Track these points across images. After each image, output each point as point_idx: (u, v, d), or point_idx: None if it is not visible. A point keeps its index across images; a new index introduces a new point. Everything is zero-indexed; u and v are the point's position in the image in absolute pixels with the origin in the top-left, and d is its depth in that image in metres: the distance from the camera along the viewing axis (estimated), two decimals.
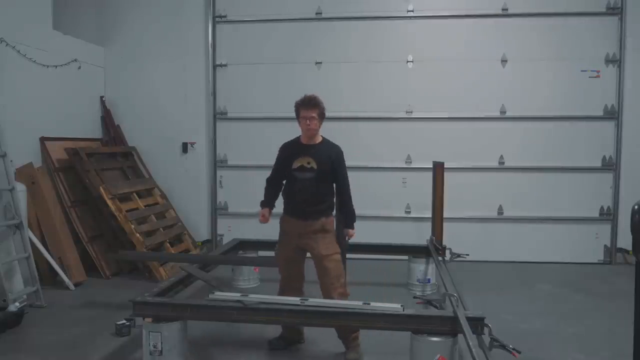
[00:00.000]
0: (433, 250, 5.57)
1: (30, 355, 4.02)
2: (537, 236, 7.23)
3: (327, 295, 3.90)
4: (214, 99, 7.66)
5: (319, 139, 4.06)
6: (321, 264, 3.93)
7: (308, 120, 3.92)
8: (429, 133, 7.30)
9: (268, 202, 4.25)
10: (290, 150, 4.09)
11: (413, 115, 7.33)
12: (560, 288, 5.93)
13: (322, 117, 3.99)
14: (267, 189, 4.26)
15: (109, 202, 6.21)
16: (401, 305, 3.55)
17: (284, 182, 4.14)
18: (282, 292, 4.07)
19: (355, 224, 4.17)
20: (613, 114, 7.08)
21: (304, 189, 3.94)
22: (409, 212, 7.31)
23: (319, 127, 4.01)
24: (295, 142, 4.11)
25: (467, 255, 5.56)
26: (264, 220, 4.20)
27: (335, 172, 3.99)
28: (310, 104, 3.94)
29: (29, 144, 6.20)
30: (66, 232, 6.07)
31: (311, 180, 3.93)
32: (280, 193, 4.19)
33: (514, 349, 3.05)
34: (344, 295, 3.93)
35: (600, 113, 7.12)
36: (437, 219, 5.79)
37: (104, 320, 4.65)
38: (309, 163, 3.94)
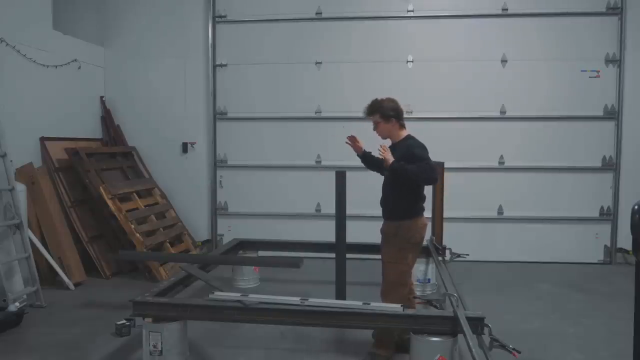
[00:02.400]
0: (433, 250, 5.56)
1: (30, 355, 4.02)
2: (537, 236, 7.23)
3: (382, 297, 3.87)
4: (214, 99, 7.66)
5: (401, 136, 4.01)
6: (384, 269, 3.93)
7: (374, 125, 4.00)
8: (429, 133, 7.20)
9: (367, 152, 4.29)
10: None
11: (413, 115, 7.31)
12: (560, 288, 5.93)
13: (388, 118, 3.93)
14: None
15: (109, 202, 6.21)
16: (401, 305, 3.55)
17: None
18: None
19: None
20: (613, 114, 7.08)
21: (383, 187, 4.01)
22: None
23: (390, 129, 3.97)
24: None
25: (467, 255, 5.56)
26: (353, 139, 4.24)
27: (412, 161, 3.75)
28: (369, 111, 4.00)
29: (29, 144, 6.20)
30: (66, 232, 6.07)
31: (386, 178, 3.98)
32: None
33: (514, 349, 3.05)
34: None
35: (600, 113, 7.12)
36: (437, 219, 5.79)
37: (104, 320, 4.65)
38: None
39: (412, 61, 7.35)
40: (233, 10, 7.57)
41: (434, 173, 3.76)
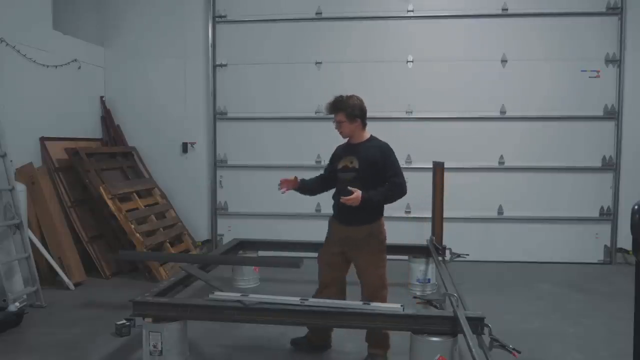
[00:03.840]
0: (433, 250, 5.57)
1: (30, 355, 4.02)
2: (537, 236, 7.23)
3: None
4: (214, 99, 7.66)
5: (365, 137, 3.84)
6: (362, 275, 3.81)
7: (337, 124, 3.78)
8: (429, 133, 7.30)
9: (304, 180, 4.09)
10: (339, 151, 3.95)
11: (413, 115, 7.33)
12: (560, 288, 5.94)
13: (352, 118, 3.74)
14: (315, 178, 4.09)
15: (109, 202, 6.21)
16: (401, 305, 3.54)
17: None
18: (316, 297, 3.86)
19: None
20: (613, 114, 7.08)
21: (345, 191, 3.68)
22: (409, 212, 7.31)
23: (354, 128, 3.79)
24: (347, 142, 3.93)
25: (467, 255, 5.56)
26: (284, 182, 4.01)
27: (382, 171, 3.71)
28: (333, 108, 3.76)
29: (29, 144, 6.20)
30: (66, 232, 6.07)
31: (353, 180, 3.70)
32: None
33: (514, 349, 3.05)
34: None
35: (600, 113, 7.12)
36: (437, 219, 5.79)
37: (104, 320, 4.65)
38: (351, 162, 3.77)
39: (412, 61, 7.35)
40: (233, 10, 7.57)
41: (404, 189, 3.76)
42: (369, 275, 3.79)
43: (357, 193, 3.57)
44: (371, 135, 3.91)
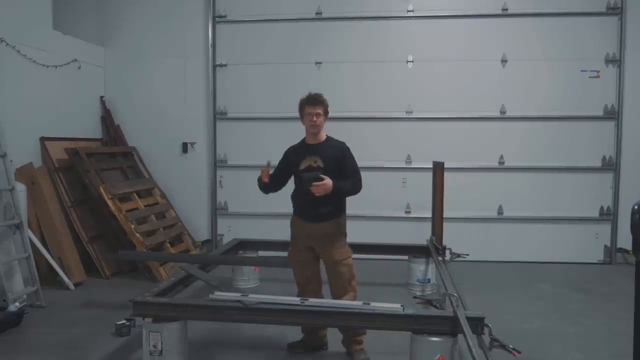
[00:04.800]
0: (433, 250, 5.57)
1: (30, 355, 4.02)
2: (537, 236, 7.23)
3: (337, 298, 3.86)
4: (214, 99, 7.66)
5: (323, 137, 3.98)
6: (334, 269, 3.87)
7: (314, 117, 3.85)
8: (429, 133, 7.30)
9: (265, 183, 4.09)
10: (296, 152, 4.02)
11: (413, 115, 7.33)
12: (560, 288, 5.93)
13: (326, 114, 3.94)
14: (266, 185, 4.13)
15: (109, 202, 6.21)
16: (401, 305, 3.55)
17: (292, 185, 4.03)
18: (300, 296, 3.95)
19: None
20: (613, 114, 7.08)
21: (309, 188, 3.74)
22: (409, 212, 7.31)
23: (324, 124, 3.95)
24: (301, 143, 4.05)
25: (467, 255, 5.55)
26: (265, 173, 4.03)
27: (343, 169, 3.86)
28: (315, 101, 3.88)
29: (29, 144, 6.20)
30: (66, 232, 6.07)
31: (304, 185, 3.79)
32: (290, 197, 4.09)
33: (514, 349, 3.05)
34: (354, 297, 3.89)
35: (600, 113, 7.12)
36: (437, 219, 5.79)
37: (104, 320, 4.65)
38: (315, 162, 3.86)
39: (412, 61, 7.35)
40: (233, 10, 7.57)
41: (361, 186, 3.94)
42: (342, 269, 3.87)
43: (328, 180, 3.69)
44: (327, 135, 4.03)
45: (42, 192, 5.87)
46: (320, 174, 3.72)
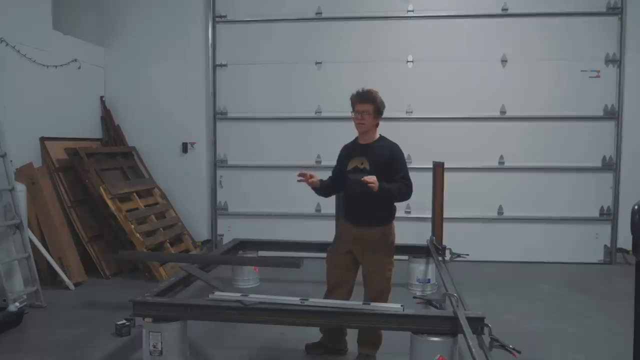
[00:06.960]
0: (433, 250, 5.57)
1: (30, 355, 4.02)
2: (537, 236, 7.23)
3: None
4: (214, 99, 7.66)
5: (375, 137, 3.79)
6: (370, 277, 3.75)
7: (360, 115, 3.65)
8: (429, 133, 7.29)
9: (322, 181, 3.85)
10: (346, 151, 3.87)
11: (413, 115, 7.33)
12: (560, 288, 5.93)
13: (378, 114, 3.70)
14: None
15: (109, 202, 6.21)
16: (401, 305, 3.55)
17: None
18: (327, 297, 3.83)
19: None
20: (613, 114, 7.08)
21: (354, 196, 3.68)
22: (408, 212, 7.30)
23: (374, 125, 3.75)
24: (353, 142, 3.88)
25: (467, 255, 5.56)
26: (304, 177, 3.73)
27: (391, 173, 3.64)
28: (363, 98, 3.66)
29: (29, 144, 6.20)
30: (66, 232, 6.07)
31: (353, 188, 3.67)
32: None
33: (514, 349, 3.05)
34: None
35: (600, 113, 7.12)
36: (437, 219, 5.79)
37: (104, 320, 4.65)
38: (362, 163, 3.69)
39: (412, 61, 7.35)
40: (233, 11, 7.57)
41: (412, 191, 3.72)
42: (377, 277, 3.75)
43: (375, 178, 3.47)
44: (380, 135, 3.86)
45: (42, 192, 5.87)
46: (363, 177, 3.48)
